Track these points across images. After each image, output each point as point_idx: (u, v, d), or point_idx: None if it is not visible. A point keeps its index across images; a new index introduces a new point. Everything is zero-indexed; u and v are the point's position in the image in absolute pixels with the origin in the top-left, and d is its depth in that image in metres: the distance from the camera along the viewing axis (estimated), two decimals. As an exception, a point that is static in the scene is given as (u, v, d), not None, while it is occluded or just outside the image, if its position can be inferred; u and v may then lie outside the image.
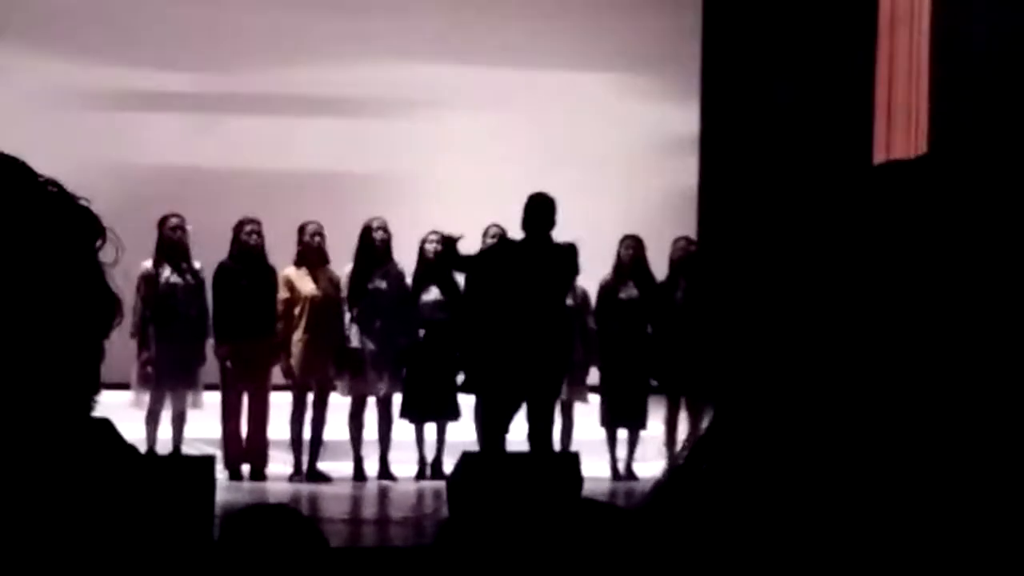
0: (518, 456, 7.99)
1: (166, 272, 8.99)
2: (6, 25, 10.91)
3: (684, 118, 12.41)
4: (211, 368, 9.13)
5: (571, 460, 7.32)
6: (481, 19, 11.93)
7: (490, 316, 8.32)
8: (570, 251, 8.27)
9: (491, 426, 8.32)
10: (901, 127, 11.44)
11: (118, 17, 11.26)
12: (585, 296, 9.46)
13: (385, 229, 9.25)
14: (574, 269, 8.39)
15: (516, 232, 8.89)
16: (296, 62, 11.64)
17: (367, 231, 9.25)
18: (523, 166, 11.61)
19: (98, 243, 1.18)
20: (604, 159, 12.12)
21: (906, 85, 11.35)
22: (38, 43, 11.15)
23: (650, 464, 9.60)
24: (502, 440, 8.26)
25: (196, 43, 11.44)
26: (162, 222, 9.08)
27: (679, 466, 0.83)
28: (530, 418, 8.28)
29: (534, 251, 8.25)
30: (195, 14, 11.40)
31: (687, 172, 12.44)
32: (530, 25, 12.01)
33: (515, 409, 8.28)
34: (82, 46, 11.22)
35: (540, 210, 8.28)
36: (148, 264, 9.02)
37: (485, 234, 9.27)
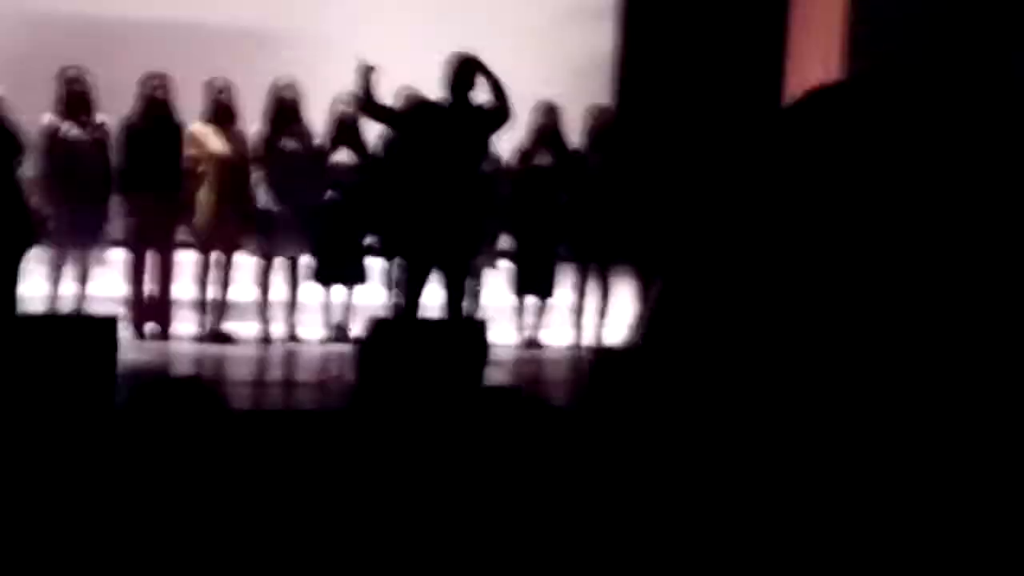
0: (427, 322, 7.97)
1: (66, 126, 8.77)
2: None
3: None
4: (116, 226, 8.97)
5: (478, 327, 7.30)
6: None
7: (407, 179, 8.21)
8: (498, 101, 8.15)
9: (403, 291, 8.26)
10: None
11: None
12: (500, 162, 9.38)
13: (294, 88, 9.08)
14: (502, 118, 8.23)
15: (430, 95, 8.75)
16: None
17: (276, 90, 9.08)
18: (439, 29, 11.43)
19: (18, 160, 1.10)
20: (522, 24, 11.98)
21: (820, 70, 11.26)
22: None
23: (556, 331, 9.63)
24: (414, 306, 8.21)
25: None
26: (61, 73, 8.82)
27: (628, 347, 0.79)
28: (446, 285, 8.24)
29: (455, 113, 8.13)
30: None
31: (604, 38, 12.33)
32: None
33: (427, 274, 8.23)
34: None
35: (462, 70, 8.16)
36: (49, 117, 8.79)
37: (397, 96, 9.13)
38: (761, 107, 11.21)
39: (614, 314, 9.56)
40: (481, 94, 8.28)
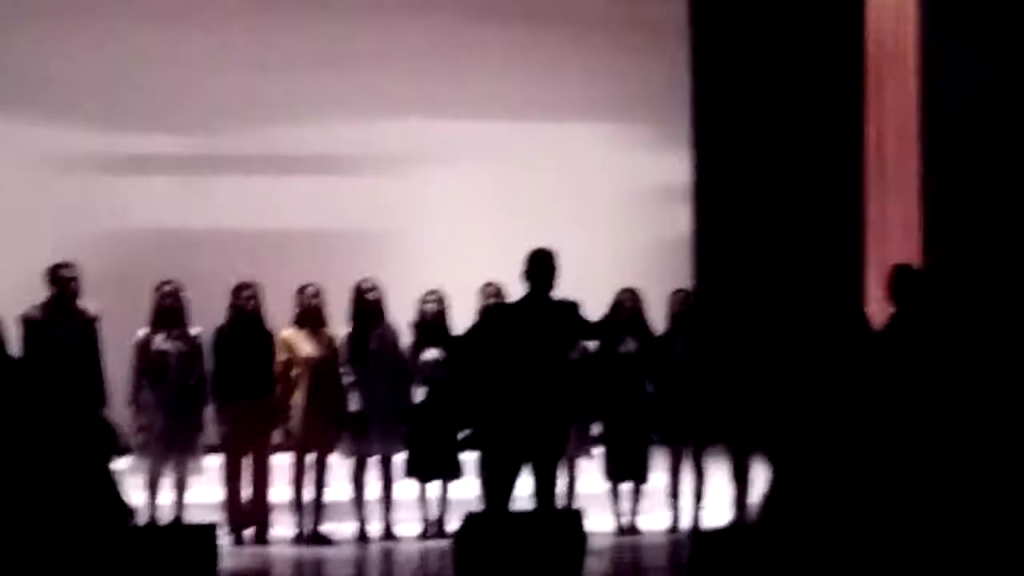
0: (522, 514, 7.94)
1: (158, 339, 8.98)
2: None
3: (676, 167, 12.44)
4: (211, 432, 9.10)
5: (574, 517, 7.27)
6: (469, 72, 11.98)
7: (491, 374, 8.28)
8: (571, 308, 8.24)
9: (495, 485, 8.27)
10: (892, 173, 11.48)
11: (102, 80, 11.29)
12: (587, 350, 9.44)
13: (377, 289, 9.25)
14: (578, 326, 8.34)
15: (512, 287, 8.87)
16: (283, 121, 11.67)
17: (359, 292, 9.24)
18: (516, 219, 11.63)
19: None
20: (598, 210, 12.14)
21: (895, 132, 11.39)
22: (23, 108, 11.17)
23: (653, 516, 9.57)
24: (507, 498, 8.21)
25: (180, 105, 11.46)
26: (157, 288, 9.07)
27: (752, 523, 0.84)
28: (535, 476, 8.24)
29: (534, 308, 8.21)
30: (180, 76, 11.43)
31: (681, 221, 12.46)
32: (519, 77, 12.06)
33: (519, 467, 8.23)
34: (67, 110, 11.24)
35: (541, 266, 8.25)
36: (143, 332, 9.01)
37: (482, 293, 9.26)
38: (839, 287, 11.24)
39: (710, 496, 9.49)
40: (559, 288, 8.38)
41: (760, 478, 8.51)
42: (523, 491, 8.36)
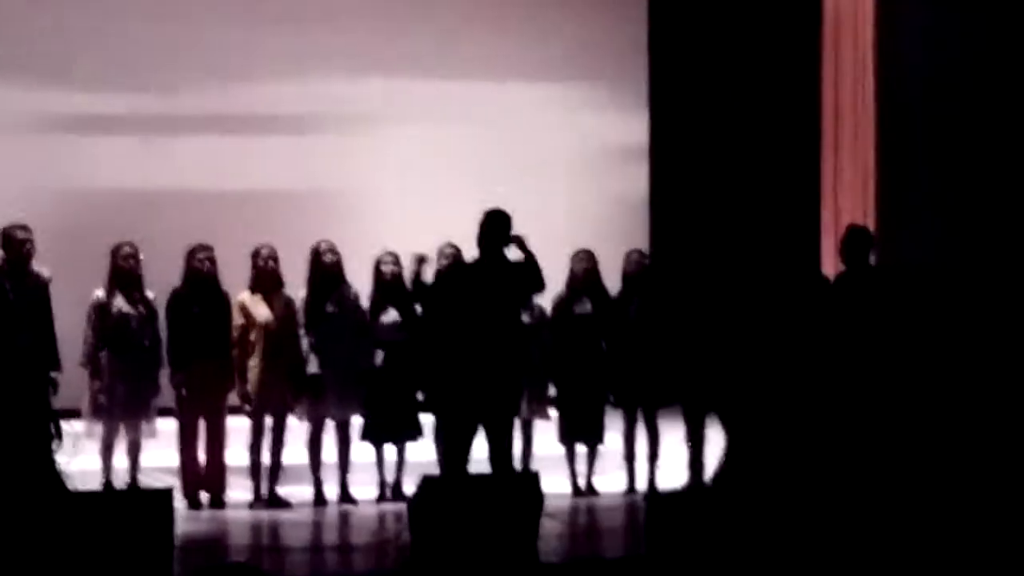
0: (479, 477, 7.97)
1: (118, 301, 8.93)
2: None
3: (633, 127, 12.44)
4: (166, 395, 9.06)
5: (531, 479, 7.29)
6: (428, 32, 11.93)
7: (447, 336, 8.29)
8: (530, 265, 8.24)
9: (451, 447, 8.28)
10: (848, 130, 11.52)
11: (60, 39, 11.18)
12: (542, 312, 9.45)
13: (334, 251, 9.21)
14: (537, 283, 8.35)
15: (469, 249, 8.87)
16: (243, 80, 11.59)
17: (316, 254, 9.20)
18: (472, 179, 11.62)
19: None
20: (555, 170, 12.14)
21: (852, 88, 11.44)
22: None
23: (609, 478, 9.61)
24: (463, 461, 8.23)
25: (140, 63, 11.37)
26: (115, 251, 9.01)
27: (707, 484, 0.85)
28: (489, 438, 8.26)
29: (488, 269, 8.22)
30: (138, 33, 11.34)
31: (638, 182, 12.47)
32: (477, 37, 12.02)
33: (473, 429, 8.24)
34: (26, 70, 11.13)
35: (494, 227, 8.25)
36: (100, 293, 8.96)
37: (440, 254, 9.24)
38: (796, 247, 11.29)
39: (665, 457, 9.54)
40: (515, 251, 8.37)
41: (715, 440, 8.56)
42: (480, 454, 8.39)
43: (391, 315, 9.19)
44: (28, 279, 8.73)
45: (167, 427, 9.06)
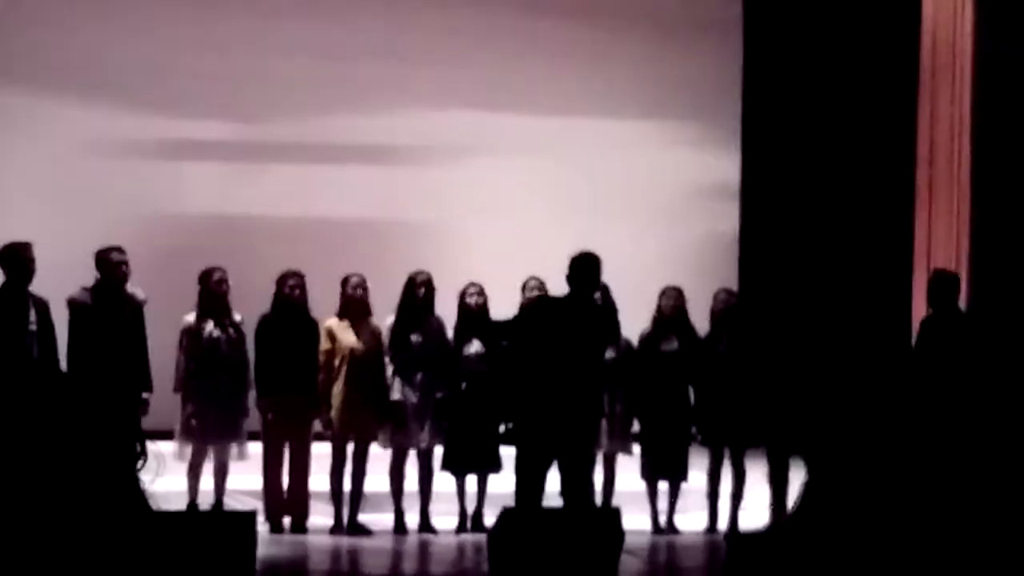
0: (559, 510, 7.96)
1: (209, 326, 9.04)
2: None
3: (725, 166, 12.41)
4: (253, 419, 9.15)
5: (612, 515, 7.28)
6: (522, 66, 11.98)
7: (529, 370, 8.29)
8: (609, 314, 8.26)
9: (525, 480, 8.26)
10: (943, 175, 11.41)
11: (157, 66, 11.36)
12: (628, 347, 9.43)
13: (429, 283, 9.26)
14: (612, 334, 8.39)
15: (554, 284, 8.88)
16: (334, 110, 11.71)
17: (411, 284, 9.26)
18: (564, 214, 11.64)
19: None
20: (645, 208, 12.13)
21: (948, 132, 11.33)
22: (75, 94, 11.26)
23: (691, 516, 9.55)
24: (537, 494, 8.20)
25: (233, 91, 11.52)
26: (206, 276, 9.13)
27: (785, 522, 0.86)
28: (562, 472, 8.23)
29: (575, 310, 8.20)
30: (234, 63, 11.49)
31: (728, 220, 12.42)
32: (571, 73, 12.05)
33: (548, 463, 8.20)
34: (119, 96, 11.31)
35: (584, 269, 8.25)
36: (191, 318, 9.07)
37: (524, 287, 9.26)
38: (887, 291, 11.18)
39: (749, 498, 9.47)
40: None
41: (797, 482, 8.48)
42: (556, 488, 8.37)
43: (475, 346, 9.23)
44: (123, 301, 8.86)
45: (253, 451, 9.14)
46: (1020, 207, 10.85)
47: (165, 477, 8.64)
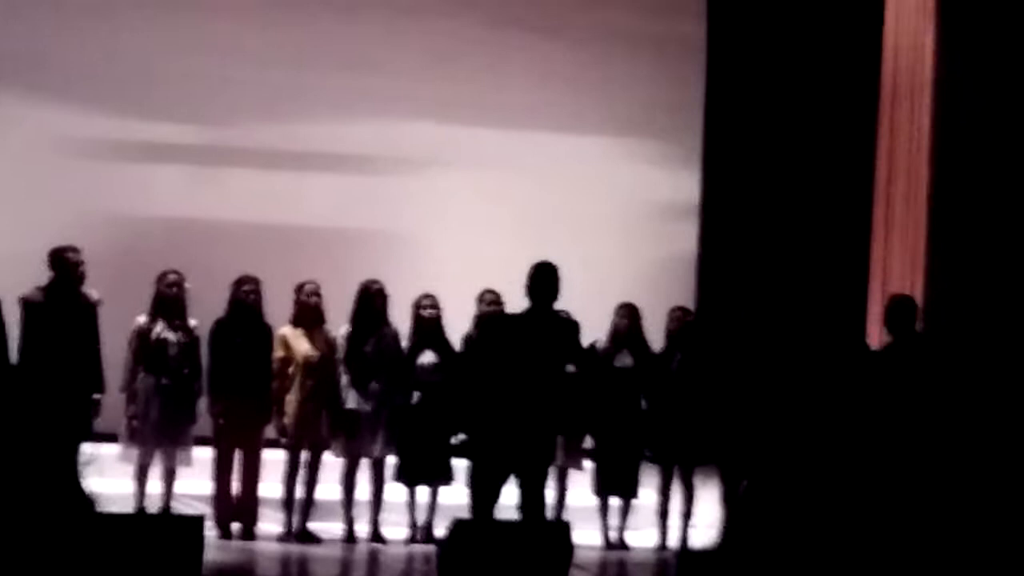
0: (509, 523, 7.95)
1: (158, 327, 8.99)
2: None
3: (685, 185, 12.44)
4: (204, 423, 9.11)
5: (562, 529, 7.27)
6: (484, 80, 11.99)
7: (486, 383, 8.28)
8: (571, 328, 8.23)
9: (481, 493, 8.25)
10: (900, 205, 11.48)
11: (120, 67, 11.30)
12: (587, 361, 9.43)
13: (383, 291, 9.25)
14: (574, 348, 8.34)
15: (511, 297, 8.87)
16: (298, 118, 11.68)
17: (365, 292, 9.24)
18: (522, 228, 11.63)
19: None
20: (603, 224, 12.14)
21: (907, 157, 11.41)
22: (39, 92, 11.19)
23: (642, 533, 9.56)
24: (491, 507, 8.19)
25: (198, 95, 11.47)
26: (160, 278, 9.08)
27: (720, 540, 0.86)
28: (520, 488, 8.22)
29: (534, 322, 8.20)
30: (198, 66, 11.45)
31: (687, 239, 12.45)
32: (533, 87, 12.06)
33: (504, 477, 8.20)
34: (83, 96, 11.25)
35: (543, 280, 8.23)
36: (142, 319, 9.03)
37: (480, 300, 9.26)
38: (842, 314, 11.24)
39: (699, 515, 9.49)
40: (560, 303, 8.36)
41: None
42: (510, 501, 8.36)
43: (429, 356, 9.21)
44: (77, 300, 8.81)
45: (203, 456, 9.09)
46: (977, 231, 10.92)
47: (111, 479, 8.59)
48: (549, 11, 12.10)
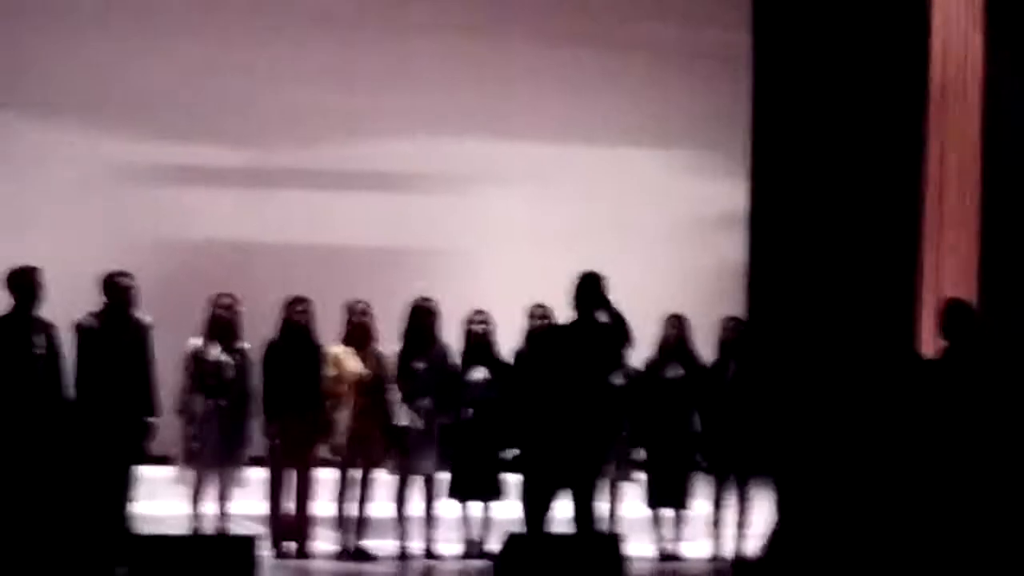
0: (562, 537, 7.94)
1: (215, 350, 9.06)
2: None
3: (733, 194, 12.41)
4: (258, 443, 9.16)
5: (614, 541, 7.26)
6: (529, 93, 12.01)
7: (536, 396, 8.29)
8: (617, 325, 8.22)
9: (533, 506, 8.26)
10: (950, 209, 11.41)
11: (168, 93, 11.40)
12: (637, 374, 9.44)
13: (433, 309, 9.28)
14: (623, 340, 8.29)
15: (561, 311, 8.86)
16: (344, 137, 11.74)
17: (416, 310, 9.27)
18: (571, 242, 11.64)
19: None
20: (652, 235, 12.13)
21: (957, 160, 11.33)
22: (91, 120, 11.30)
23: (695, 544, 9.53)
24: (543, 520, 8.19)
25: (245, 118, 11.55)
26: (213, 300, 9.15)
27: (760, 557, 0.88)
28: (574, 500, 8.22)
29: (580, 332, 8.21)
30: (244, 90, 11.53)
31: (736, 249, 12.42)
32: (579, 100, 12.08)
33: (556, 491, 8.20)
34: (130, 122, 11.35)
35: (588, 288, 8.25)
36: (197, 341, 9.09)
37: (530, 315, 9.27)
38: (894, 322, 11.16)
39: (754, 525, 9.45)
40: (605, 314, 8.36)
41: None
42: (564, 515, 8.36)
43: (480, 372, 9.23)
44: (129, 325, 8.88)
45: (257, 476, 9.14)
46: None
47: (166, 501, 8.66)
48: (594, 24, 12.11)
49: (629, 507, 9.47)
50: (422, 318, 9.24)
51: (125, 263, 9.20)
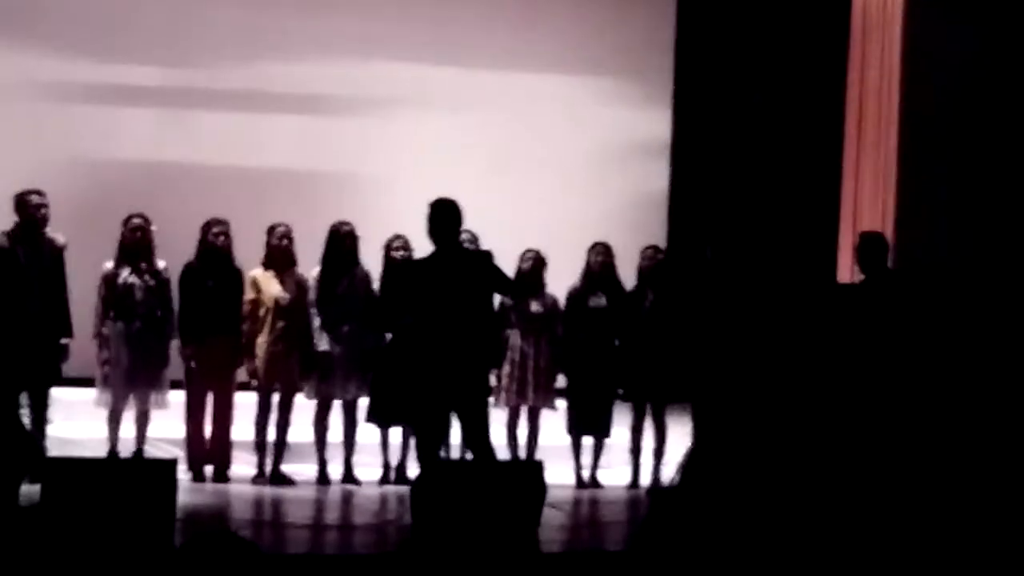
0: (483, 463, 7.96)
1: (125, 272, 8.92)
2: None
3: (656, 123, 12.42)
4: (176, 367, 9.08)
5: (535, 468, 7.29)
6: (454, 20, 11.92)
7: (416, 327, 8.22)
8: (485, 258, 8.16)
9: (425, 436, 8.23)
10: (872, 132, 11.48)
11: (87, 10, 11.20)
12: (555, 303, 9.44)
13: (353, 233, 9.21)
14: (492, 277, 8.21)
15: (486, 239, 8.85)
16: (269, 59, 11.60)
17: (335, 234, 9.20)
18: (493, 169, 11.61)
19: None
20: (575, 163, 12.13)
21: (876, 93, 11.40)
22: (7, 34, 11.08)
23: (614, 471, 9.60)
24: (438, 445, 8.17)
25: (167, 38, 11.39)
26: (124, 223, 9.00)
27: (671, 484, 0.86)
28: (462, 427, 8.21)
29: (446, 262, 8.06)
30: (166, 8, 11.35)
31: (658, 177, 12.45)
32: (503, 27, 12.01)
33: (445, 414, 8.15)
34: (51, 39, 11.16)
35: (446, 216, 8.15)
36: (109, 265, 8.95)
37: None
38: (813, 251, 11.25)
39: (672, 453, 9.52)
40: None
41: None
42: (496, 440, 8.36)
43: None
44: (42, 244, 8.73)
45: (175, 399, 9.07)
46: (947, 168, 10.93)
47: (85, 423, 8.57)
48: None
49: (549, 434, 9.50)
50: (342, 242, 9.16)
51: (39, 182, 9.03)
